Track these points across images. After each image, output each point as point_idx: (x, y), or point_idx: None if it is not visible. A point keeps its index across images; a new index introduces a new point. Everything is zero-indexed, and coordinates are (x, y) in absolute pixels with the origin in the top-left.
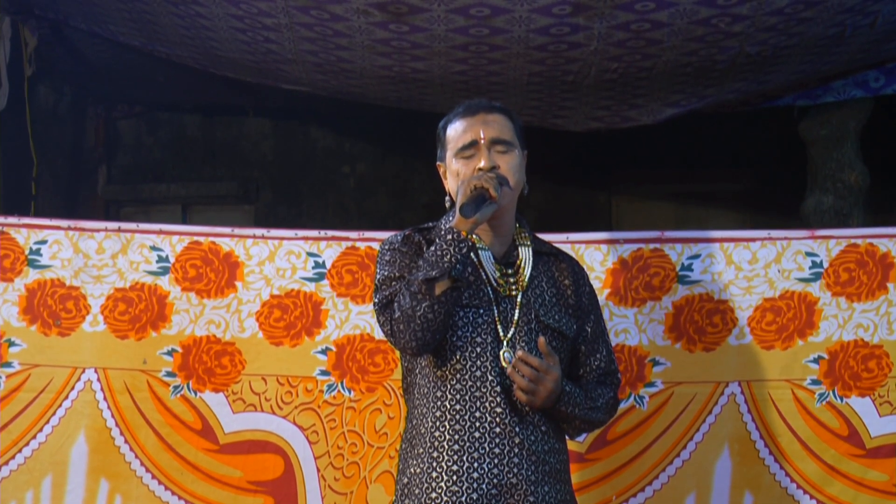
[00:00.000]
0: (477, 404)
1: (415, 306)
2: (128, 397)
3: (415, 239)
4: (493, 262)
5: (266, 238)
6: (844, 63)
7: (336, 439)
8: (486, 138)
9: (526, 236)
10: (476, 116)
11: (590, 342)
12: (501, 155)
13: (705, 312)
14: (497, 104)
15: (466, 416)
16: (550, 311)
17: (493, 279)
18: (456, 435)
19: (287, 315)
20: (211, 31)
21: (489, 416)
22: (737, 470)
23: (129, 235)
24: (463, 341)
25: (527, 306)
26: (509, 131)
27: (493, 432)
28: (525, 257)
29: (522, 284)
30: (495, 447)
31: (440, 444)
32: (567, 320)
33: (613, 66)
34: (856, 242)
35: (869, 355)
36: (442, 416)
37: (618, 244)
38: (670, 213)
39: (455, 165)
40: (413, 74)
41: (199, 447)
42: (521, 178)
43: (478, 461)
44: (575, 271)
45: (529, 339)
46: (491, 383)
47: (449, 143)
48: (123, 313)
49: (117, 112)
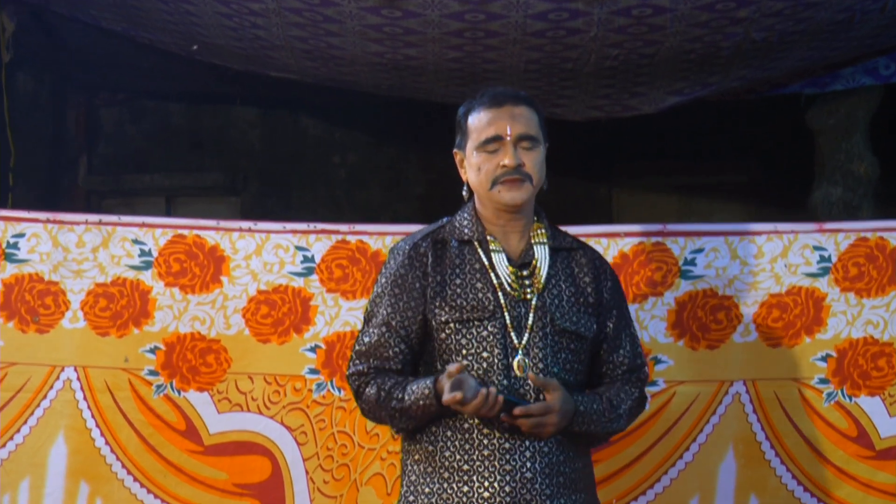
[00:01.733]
0: (485, 421)
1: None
2: (109, 397)
3: (420, 249)
4: (506, 264)
5: (253, 231)
6: (853, 49)
7: (325, 440)
8: (514, 134)
9: (543, 233)
10: (503, 108)
11: (612, 339)
12: (527, 152)
13: (709, 309)
14: (523, 94)
15: (475, 435)
16: (567, 312)
17: (506, 283)
18: (465, 455)
19: (275, 311)
20: (196, 17)
21: (498, 433)
22: (742, 472)
23: (111, 228)
24: (469, 360)
25: (542, 309)
26: (535, 126)
27: (503, 448)
28: (542, 256)
29: (538, 286)
30: (506, 464)
31: (450, 465)
32: (586, 320)
33: (614, 52)
34: (865, 236)
35: (879, 353)
36: (452, 436)
37: (618, 238)
38: (673, 206)
39: (476, 159)
40: (406, 62)
41: (183, 448)
42: (543, 174)
43: (488, 479)
44: (596, 266)
45: (545, 346)
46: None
47: (471, 134)
48: (104, 309)
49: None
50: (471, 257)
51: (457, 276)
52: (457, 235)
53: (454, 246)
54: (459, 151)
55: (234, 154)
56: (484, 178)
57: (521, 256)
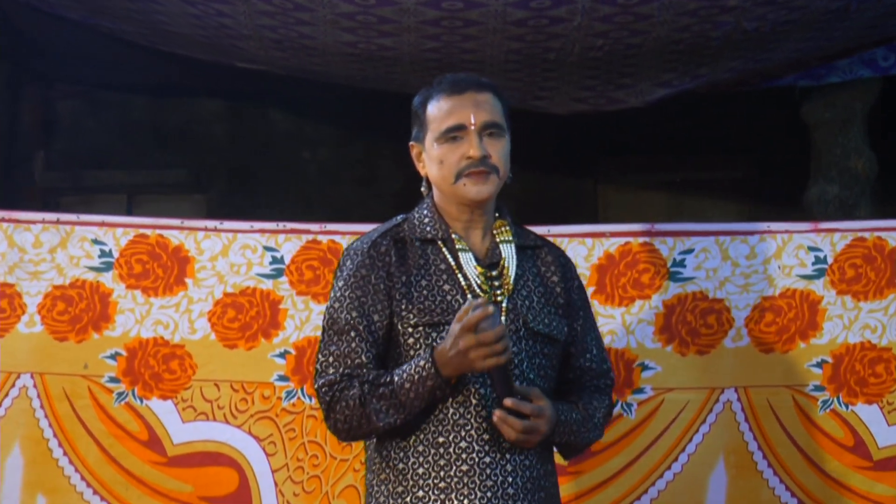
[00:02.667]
0: (462, 433)
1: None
2: (67, 405)
3: (381, 248)
4: (474, 264)
5: (219, 231)
6: (850, 40)
7: (295, 451)
8: (478, 123)
9: (507, 230)
10: (465, 95)
11: (579, 341)
12: (492, 141)
13: (699, 312)
14: (486, 81)
15: (452, 449)
16: (539, 314)
17: (476, 285)
18: (441, 471)
19: (242, 315)
20: (159, 5)
21: (477, 445)
22: (733, 483)
23: (69, 228)
24: None
25: (514, 312)
26: (499, 113)
27: (483, 463)
28: (509, 255)
29: (508, 288)
30: (487, 479)
31: (425, 483)
32: (558, 322)
33: (599, 42)
34: (863, 236)
35: (877, 359)
36: (425, 450)
37: (604, 238)
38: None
39: (437, 150)
40: (380, 52)
41: (146, 460)
42: (509, 166)
43: (468, 497)
44: (562, 264)
45: (519, 350)
46: (476, 408)
47: (430, 124)
48: (62, 313)
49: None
50: (435, 257)
51: (422, 278)
52: (418, 234)
53: (417, 245)
54: (417, 144)
55: (199, 149)
56: (447, 171)
57: (488, 256)
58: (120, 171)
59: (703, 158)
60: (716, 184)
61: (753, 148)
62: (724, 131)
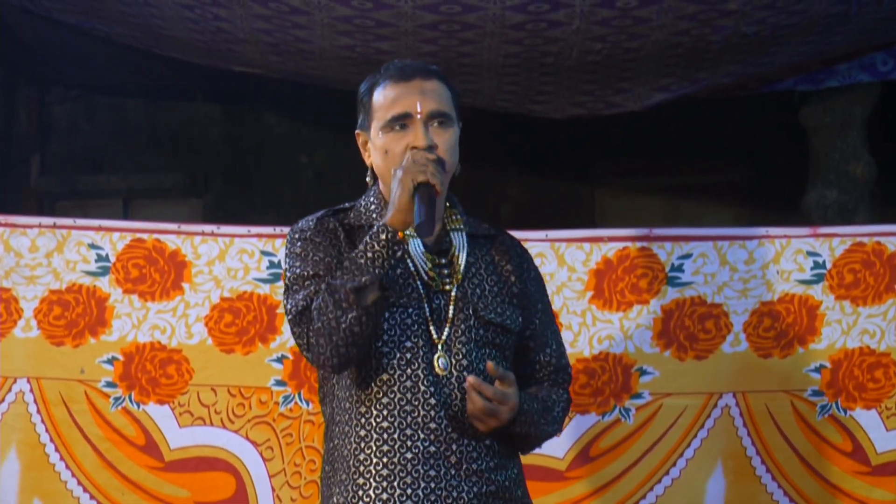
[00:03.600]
0: (408, 419)
1: (339, 317)
2: (64, 410)
3: (329, 225)
4: (422, 252)
5: (216, 235)
6: (850, 44)
7: (293, 456)
8: (424, 112)
9: (458, 219)
10: (411, 83)
11: (538, 335)
12: (439, 131)
13: (697, 317)
14: (433, 68)
15: (396, 435)
16: (491, 303)
17: (423, 273)
18: (384, 457)
19: (239, 320)
20: (155, 8)
21: (422, 433)
22: (731, 489)
23: (66, 232)
24: (390, 346)
25: (463, 300)
26: (448, 102)
27: (428, 452)
28: (459, 244)
29: (458, 276)
30: (430, 469)
31: (366, 469)
32: (511, 312)
33: (597, 46)
34: (861, 241)
35: (875, 364)
36: (367, 435)
37: (602, 243)
38: (659, 209)
39: (382, 140)
40: (378, 56)
41: (143, 464)
42: (457, 157)
43: (411, 486)
44: (518, 254)
45: (468, 339)
46: (423, 394)
47: (375, 112)
48: (59, 317)
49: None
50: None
51: None
52: (364, 221)
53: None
54: (362, 132)
55: (196, 153)
56: (391, 161)
57: (438, 243)
58: (116, 175)
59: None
60: (714, 188)
61: (752, 152)
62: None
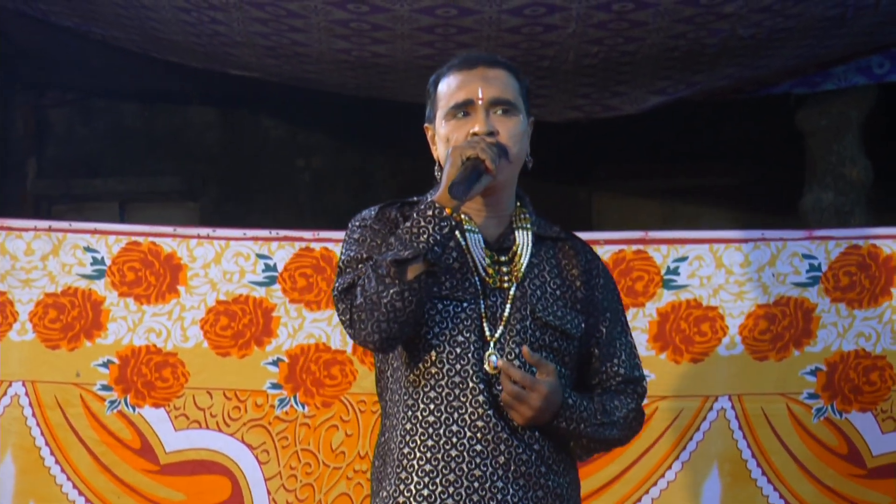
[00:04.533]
0: (455, 416)
1: (381, 292)
2: (59, 413)
3: (391, 215)
4: (482, 247)
5: (211, 238)
6: (846, 47)
7: (288, 459)
8: (485, 98)
9: (527, 217)
10: (474, 71)
11: (605, 345)
12: (502, 119)
13: (693, 320)
14: (501, 58)
15: (442, 430)
16: (551, 305)
17: (481, 268)
18: (428, 452)
19: (235, 323)
20: (152, 11)
21: (469, 431)
22: (727, 492)
23: (61, 235)
24: (440, 339)
25: (521, 300)
26: (513, 91)
27: (474, 450)
28: (523, 242)
29: (518, 275)
30: (475, 468)
31: (409, 464)
32: (572, 317)
33: (593, 50)
34: (857, 244)
35: (871, 367)
36: (413, 429)
37: (598, 245)
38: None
39: (445, 129)
40: (374, 59)
41: (138, 468)
42: (524, 149)
43: (454, 485)
44: (588, 260)
45: (522, 340)
46: (472, 391)
47: (440, 102)
48: (54, 321)
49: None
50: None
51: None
52: None
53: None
54: (430, 125)
55: (192, 157)
56: None
57: (500, 241)
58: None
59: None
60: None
61: (748, 155)
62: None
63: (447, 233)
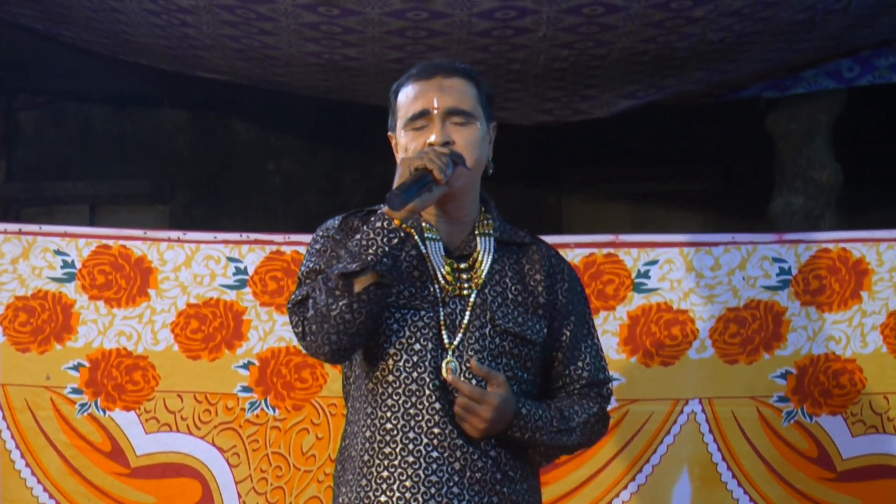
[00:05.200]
0: (411, 423)
1: (330, 304)
2: (29, 416)
3: (353, 224)
4: (442, 254)
5: (182, 241)
6: (815, 51)
7: (259, 462)
8: (441, 108)
9: (489, 223)
10: (431, 81)
11: (569, 348)
12: (459, 128)
13: (663, 323)
14: (460, 66)
15: (399, 438)
16: (512, 312)
17: (440, 275)
18: (386, 460)
19: (205, 326)
20: (121, 14)
21: (425, 438)
22: (697, 495)
23: (31, 238)
24: (398, 348)
25: (481, 307)
26: (470, 99)
27: (430, 457)
28: (484, 249)
29: (478, 281)
30: (431, 475)
31: (368, 471)
32: (534, 322)
33: (564, 53)
34: (827, 247)
35: (841, 370)
36: (372, 436)
37: (568, 249)
38: (626, 215)
39: (404, 139)
40: (344, 62)
41: (109, 471)
42: (484, 155)
43: (410, 490)
44: (552, 264)
45: (482, 347)
46: (428, 398)
47: (399, 112)
48: (24, 324)
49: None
50: (408, 245)
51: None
52: None
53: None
54: (392, 134)
55: (162, 160)
56: None
57: (461, 248)
58: (82, 182)
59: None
60: (680, 195)
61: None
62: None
63: (396, 244)
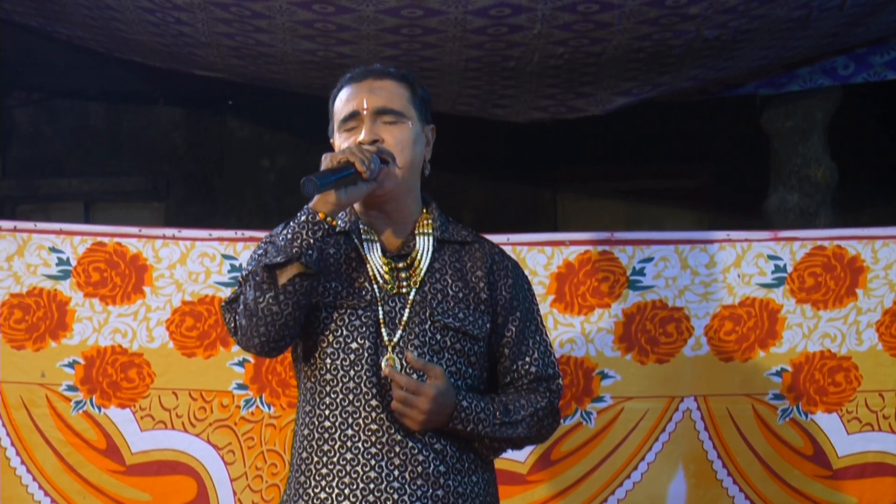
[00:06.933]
0: (349, 420)
1: (258, 297)
2: (24, 413)
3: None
4: (380, 254)
5: (177, 239)
6: (811, 48)
7: (254, 459)
8: (370, 108)
9: (429, 223)
10: (362, 83)
11: (515, 344)
12: (388, 126)
13: (658, 321)
14: (391, 69)
15: (337, 435)
16: (452, 308)
17: (378, 275)
18: (325, 457)
19: (200, 323)
20: (116, 12)
21: (363, 434)
22: (692, 492)
23: (26, 236)
24: (335, 347)
25: (420, 304)
26: (401, 100)
27: (369, 453)
28: (423, 248)
29: (417, 280)
30: (370, 470)
31: (307, 468)
32: (476, 318)
33: (559, 51)
34: (822, 245)
35: (836, 367)
36: (310, 434)
37: (563, 246)
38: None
39: (339, 141)
40: (339, 60)
41: (104, 468)
42: (418, 155)
43: (349, 487)
44: (494, 261)
45: (422, 343)
46: (365, 395)
47: (334, 116)
48: (20, 321)
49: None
50: (347, 247)
51: (332, 263)
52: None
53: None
54: (332, 139)
55: (157, 157)
56: None
57: (400, 248)
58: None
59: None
60: (675, 192)
61: (713, 156)
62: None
63: (321, 236)
